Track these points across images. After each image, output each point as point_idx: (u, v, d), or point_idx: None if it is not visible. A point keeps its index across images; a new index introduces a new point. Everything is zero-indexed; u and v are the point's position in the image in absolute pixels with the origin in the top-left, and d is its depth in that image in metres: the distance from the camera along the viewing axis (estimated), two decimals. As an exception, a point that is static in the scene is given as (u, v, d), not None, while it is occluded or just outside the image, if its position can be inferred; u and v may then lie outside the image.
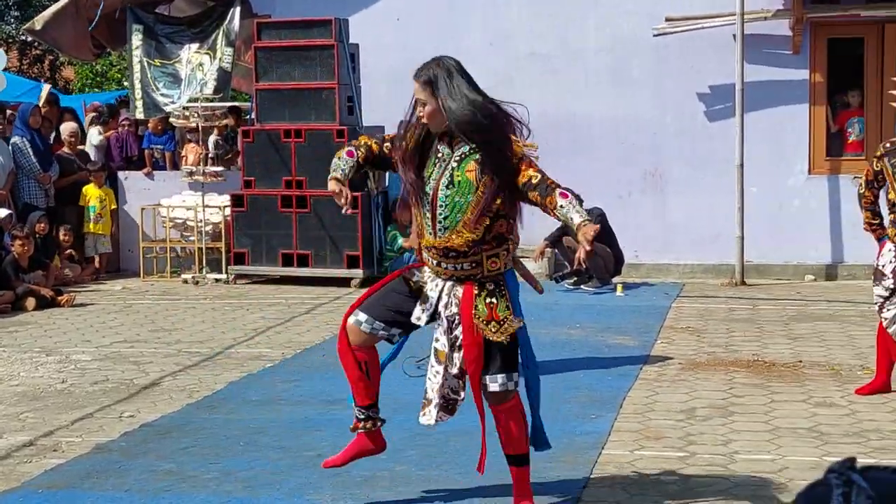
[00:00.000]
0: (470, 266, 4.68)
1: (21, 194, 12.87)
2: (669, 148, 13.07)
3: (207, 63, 13.78)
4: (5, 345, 9.05)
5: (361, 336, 4.81)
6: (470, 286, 4.67)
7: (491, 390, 4.68)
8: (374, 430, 4.95)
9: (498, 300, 4.68)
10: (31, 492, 5.16)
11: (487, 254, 4.68)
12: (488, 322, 4.63)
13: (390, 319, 4.80)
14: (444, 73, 4.67)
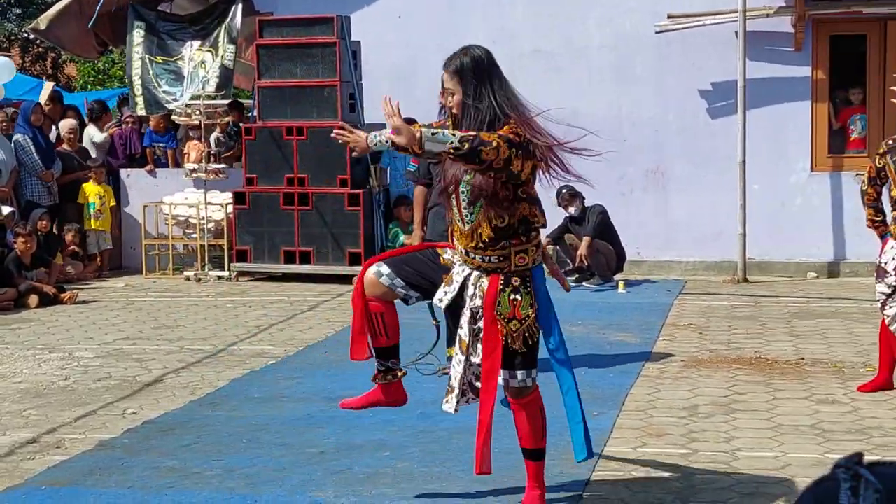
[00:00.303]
0: (497, 259, 4.67)
1: (24, 192, 12.88)
2: (671, 145, 13.07)
3: (210, 60, 13.78)
4: (8, 342, 9.06)
5: (380, 288, 4.83)
6: (496, 279, 4.67)
7: (511, 386, 4.71)
8: (394, 381, 4.98)
9: (522, 297, 4.67)
10: (35, 488, 5.16)
11: (516, 248, 4.68)
12: (510, 320, 4.63)
13: (413, 281, 4.83)
14: (470, 64, 4.69)
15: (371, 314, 4.87)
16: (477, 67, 4.68)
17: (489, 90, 4.67)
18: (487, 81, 4.68)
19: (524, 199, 4.68)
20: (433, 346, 7.57)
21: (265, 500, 4.94)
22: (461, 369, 4.78)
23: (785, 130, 12.74)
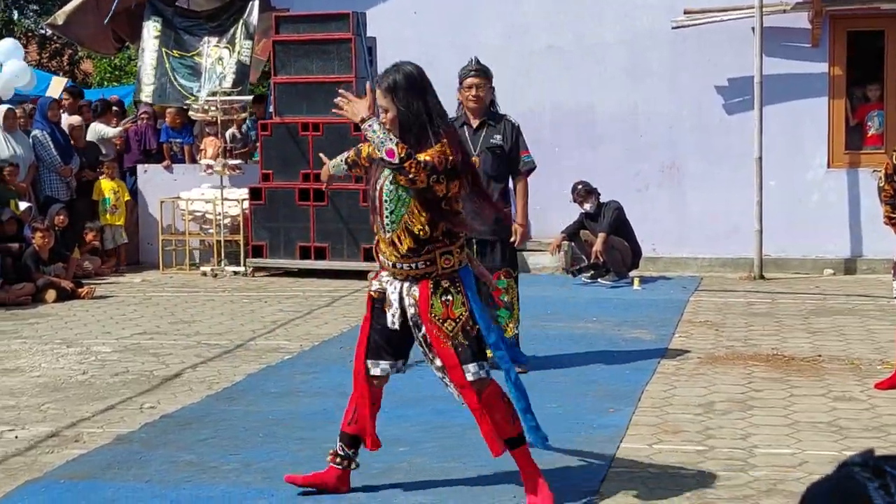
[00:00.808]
0: (424, 265, 4.79)
1: (42, 187, 12.94)
2: (687, 141, 13.06)
3: (227, 57, 13.82)
4: (26, 336, 9.11)
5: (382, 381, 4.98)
6: (426, 285, 4.78)
7: (467, 381, 4.76)
8: (348, 470, 5.05)
9: (454, 297, 4.78)
10: (53, 482, 5.20)
11: (441, 251, 4.79)
12: (444, 320, 4.74)
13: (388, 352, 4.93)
14: (405, 82, 4.78)
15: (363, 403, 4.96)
16: (409, 84, 4.77)
17: (422, 106, 4.75)
18: (420, 97, 4.77)
19: (448, 213, 4.79)
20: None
21: (282, 495, 4.96)
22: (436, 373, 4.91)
23: (802, 127, 12.71)
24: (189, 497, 4.94)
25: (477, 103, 7.51)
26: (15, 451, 5.74)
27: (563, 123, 13.34)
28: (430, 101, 4.79)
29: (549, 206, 12.55)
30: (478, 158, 7.47)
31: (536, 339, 8.43)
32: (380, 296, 4.91)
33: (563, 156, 13.14)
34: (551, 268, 12.75)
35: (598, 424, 6.07)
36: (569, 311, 9.97)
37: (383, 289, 4.90)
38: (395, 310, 4.84)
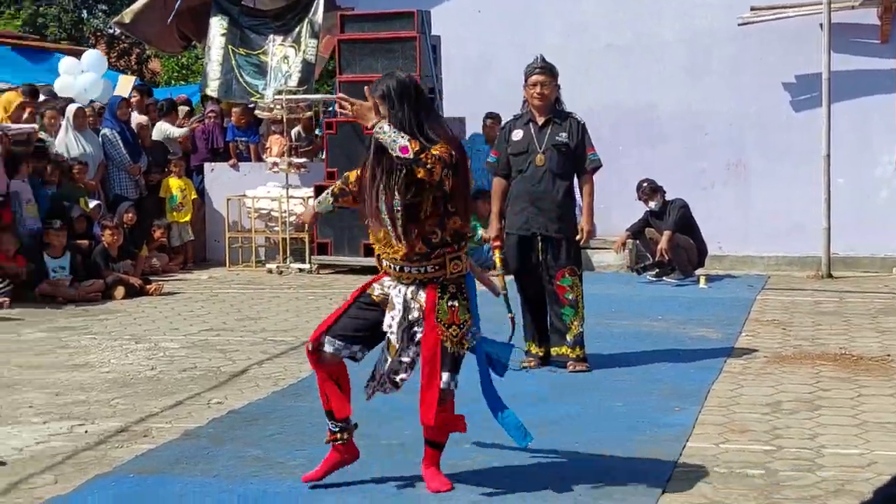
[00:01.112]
0: (433, 269, 4.86)
1: (112, 185, 13.11)
2: (752, 139, 12.95)
3: (292, 55, 13.92)
4: (96, 332, 9.25)
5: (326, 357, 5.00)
6: (433, 289, 4.86)
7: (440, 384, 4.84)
8: (348, 440, 5.13)
9: (459, 303, 4.88)
10: (123, 476, 5.26)
11: (450, 256, 4.87)
12: (449, 325, 4.83)
13: (350, 337, 4.96)
14: (398, 89, 4.83)
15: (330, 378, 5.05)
16: (403, 90, 4.84)
17: (412, 114, 4.81)
18: (412, 105, 4.83)
19: (454, 213, 4.87)
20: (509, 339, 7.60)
21: (347, 491, 4.99)
22: (386, 366, 4.98)
23: (870, 123, 12.55)
24: (256, 492, 4.98)
25: (542, 101, 7.50)
26: (85, 445, 5.83)
27: (623, 122, 13.28)
28: (422, 109, 4.86)
29: (612, 205, 12.50)
30: (543, 156, 7.47)
31: (601, 337, 8.41)
32: (381, 299, 4.97)
33: (624, 154, 13.08)
34: (616, 266, 12.70)
35: (664, 423, 6.04)
36: (633, 309, 9.92)
37: (386, 293, 4.95)
38: (397, 313, 4.91)
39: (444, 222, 4.84)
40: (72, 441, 5.90)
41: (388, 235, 4.88)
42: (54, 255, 11.14)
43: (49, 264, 11.09)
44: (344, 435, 5.10)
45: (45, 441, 5.90)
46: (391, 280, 4.96)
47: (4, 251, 11.02)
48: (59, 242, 11.17)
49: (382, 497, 4.92)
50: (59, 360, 8.12)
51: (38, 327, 9.53)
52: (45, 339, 8.95)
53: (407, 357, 4.95)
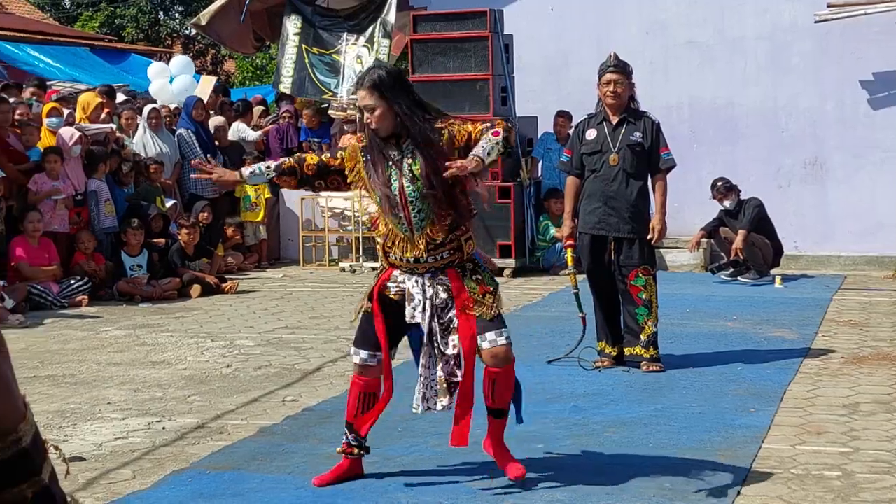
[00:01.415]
0: (450, 253, 4.91)
1: (187, 185, 13.28)
2: (830, 136, 12.78)
3: (365, 55, 13.98)
4: (172, 330, 9.37)
5: (373, 369, 5.06)
6: (453, 271, 4.90)
7: (500, 344, 4.86)
8: (360, 456, 5.19)
9: (482, 275, 4.95)
10: (200, 472, 5.33)
11: (464, 237, 4.94)
12: (484, 295, 4.88)
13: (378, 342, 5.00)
14: (388, 79, 4.85)
15: (365, 394, 5.11)
16: (395, 79, 4.88)
17: (410, 99, 4.86)
18: (406, 92, 4.88)
19: (462, 193, 4.93)
20: (581, 339, 7.59)
21: (420, 489, 5.02)
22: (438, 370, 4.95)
23: (951, 121, 12.34)
24: (331, 489, 5.02)
25: (615, 99, 7.47)
26: (162, 441, 5.91)
27: (701, 119, 13.18)
28: (414, 95, 4.90)
29: (687, 203, 12.40)
30: (616, 155, 7.44)
31: (675, 337, 8.36)
32: (399, 297, 4.97)
33: (701, 152, 12.98)
34: (689, 265, 12.61)
35: (739, 424, 5.99)
36: (708, 309, 9.84)
37: (402, 288, 4.96)
38: (418, 303, 4.92)
39: (455, 203, 4.87)
40: (149, 437, 5.99)
41: (395, 229, 4.90)
42: (132, 253, 11.32)
43: (126, 262, 11.27)
44: (357, 451, 5.16)
45: (123, 437, 6.00)
46: (402, 273, 4.97)
47: (83, 250, 11.22)
48: (136, 241, 11.34)
49: (461, 493, 4.93)
50: (137, 357, 8.24)
51: (116, 325, 9.68)
52: (122, 337, 9.09)
53: (450, 349, 4.92)
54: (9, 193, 10.86)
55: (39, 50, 20.06)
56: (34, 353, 8.42)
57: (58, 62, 19.47)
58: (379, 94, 4.82)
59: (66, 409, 6.63)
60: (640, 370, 7.39)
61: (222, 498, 4.93)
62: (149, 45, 28.97)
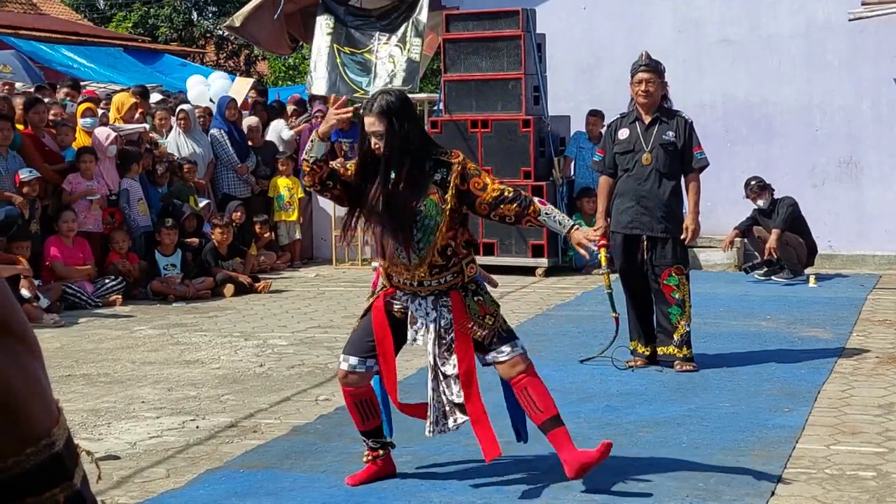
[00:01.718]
0: (452, 276, 4.92)
1: (220, 184, 13.35)
2: (866, 135, 12.68)
3: (398, 55, 14.00)
4: (206, 329, 9.42)
5: (358, 377, 5.04)
6: (455, 294, 4.91)
7: (518, 353, 4.88)
8: (386, 456, 5.19)
9: (483, 297, 4.97)
10: (234, 471, 5.35)
11: (465, 261, 4.96)
12: (483, 317, 4.89)
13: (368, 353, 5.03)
14: (396, 105, 4.85)
15: (359, 403, 5.09)
16: (403, 105, 4.88)
17: (416, 128, 4.90)
18: (413, 120, 4.91)
19: (462, 225, 4.99)
20: (614, 339, 7.57)
21: (452, 488, 5.02)
22: (439, 395, 4.98)
23: None
24: (364, 488, 5.04)
25: (647, 98, 7.44)
26: (196, 440, 5.94)
27: (735, 117, 13.12)
28: (420, 123, 4.99)
29: (720, 203, 12.35)
30: (649, 155, 7.41)
31: (708, 337, 8.32)
32: (401, 315, 4.99)
33: (735, 150, 12.92)
34: (723, 265, 12.55)
35: (774, 424, 5.96)
36: (741, 308, 9.79)
37: (405, 307, 4.98)
38: (420, 325, 4.95)
39: (456, 235, 4.93)
40: (183, 436, 6.02)
41: (394, 255, 4.87)
42: (165, 252, 11.38)
43: (160, 262, 11.33)
44: (382, 453, 5.17)
45: (157, 436, 6.04)
46: (405, 294, 4.98)
47: (117, 249, 11.29)
48: (170, 240, 11.40)
49: (493, 493, 4.93)
50: (171, 356, 8.29)
51: (150, 324, 9.74)
52: (156, 336, 9.15)
53: (450, 369, 4.93)
54: (44, 193, 10.95)
55: (74, 51, 20.22)
56: (69, 353, 8.48)
57: (92, 63, 19.62)
58: (388, 121, 4.82)
59: (100, 408, 6.67)
60: (673, 370, 7.37)
61: (255, 497, 4.95)
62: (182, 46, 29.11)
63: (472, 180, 4.90)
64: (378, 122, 4.83)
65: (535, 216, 4.96)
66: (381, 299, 5.04)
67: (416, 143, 4.86)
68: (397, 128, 4.81)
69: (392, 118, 4.81)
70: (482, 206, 4.93)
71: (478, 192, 4.90)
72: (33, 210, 10.62)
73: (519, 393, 4.92)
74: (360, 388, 5.09)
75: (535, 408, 4.90)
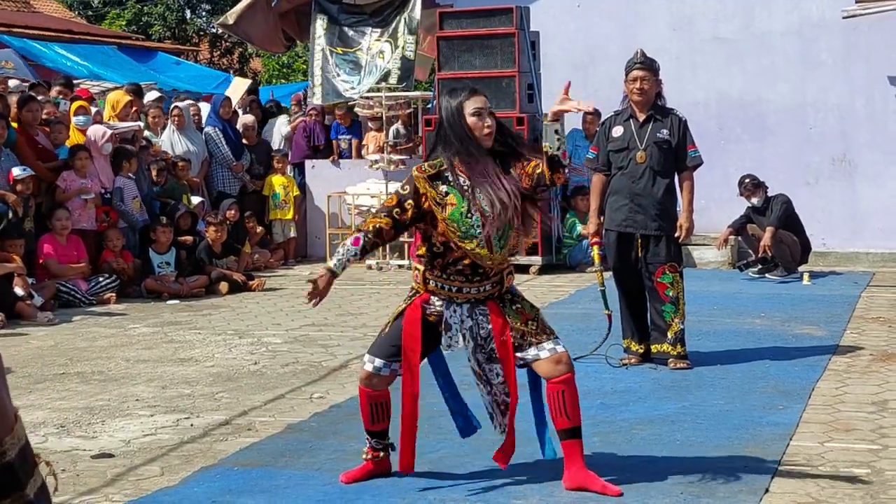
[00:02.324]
0: (492, 286, 4.88)
1: (214, 182, 13.34)
2: (859, 133, 12.71)
3: (388, 51, 14.01)
4: (200, 327, 9.41)
5: (381, 379, 5.02)
6: (493, 304, 4.87)
7: (560, 350, 4.83)
8: (384, 458, 5.18)
9: (521, 303, 4.93)
10: (228, 469, 5.35)
11: (506, 271, 4.94)
12: (525, 323, 4.85)
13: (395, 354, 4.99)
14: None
15: (375, 404, 5.07)
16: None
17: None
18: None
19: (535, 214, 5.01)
20: (606, 336, 7.59)
21: (448, 486, 5.02)
22: (489, 398, 4.96)
23: (981, 117, 12.24)
24: (358, 486, 5.03)
25: (642, 96, 7.44)
26: (190, 437, 5.94)
27: (729, 115, 13.13)
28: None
29: (714, 201, 12.37)
30: (644, 153, 7.42)
31: (702, 334, 8.33)
32: (435, 319, 4.95)
33: (728, 148, 12.93)
34: (717, 262, 12.56)
35: (767, 422, 5.97)
36: (735, 306, 9.81)
37: (439, 312, 4.93)
38: (455, 333, 4.90)
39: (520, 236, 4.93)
40: (177, 434, 6.01)
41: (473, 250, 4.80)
42: (160, 251, 11.37)
43: (154, 260, 11.32)
44: (382, 454, 5.16)
45: (151, 433, 6.03)
46: (440, 300, 4.93)
47: (111, 247, 11.28)
48: (164, 238, 11.40)
49: (488, 491, 4.93)
50: (165, 354, 8.28)
51: (144, 322, 9.73)
52: (150, 334, 9.14)
53: (497, 377, 4.90)
54: (37, 191, 10.93)
55: (67, 49, 20.18)
56: (63, 351, 8.47)
57: (86, 61, 19.58)
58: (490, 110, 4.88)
59: (94, 406, 6.67)
60: (667, 367, 7.38)
61: (250, 494, 4.95)
62: (176, 44, 29.07)
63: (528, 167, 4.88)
64: (488, 102, 4.88)
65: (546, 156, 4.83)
66: (418, 308, 4.97)
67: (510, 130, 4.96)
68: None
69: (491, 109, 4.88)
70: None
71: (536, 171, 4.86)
72: (27, 208, 10.60)
73: (554, 393, 4.84)
74: (378, 391, 5.05)
75: (564, 412, 4.84)
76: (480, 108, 4.82)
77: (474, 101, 4.84)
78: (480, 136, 4.81)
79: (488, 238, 4.79)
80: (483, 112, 4.82)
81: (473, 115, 4.82)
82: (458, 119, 4.84)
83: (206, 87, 18.64)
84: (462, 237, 4.82)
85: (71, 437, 5.97)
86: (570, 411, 4.84)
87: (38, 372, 7.70)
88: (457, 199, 4.82)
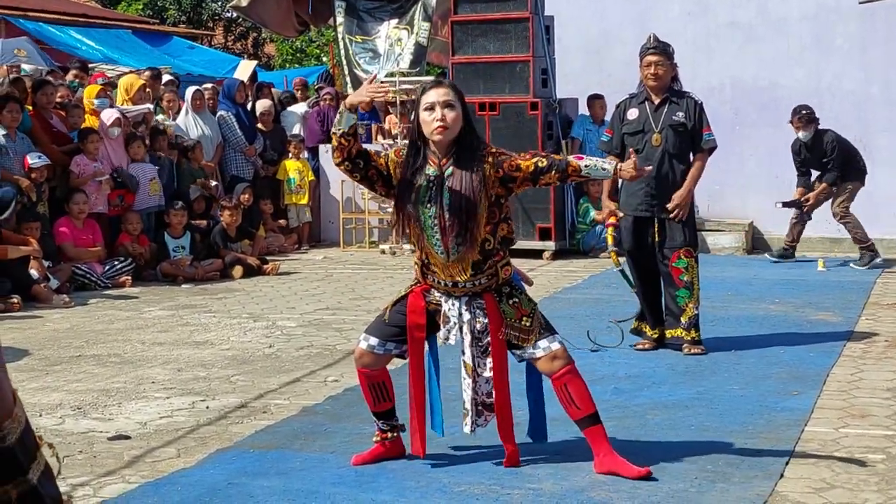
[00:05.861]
0: (487, 279, 4.85)
1: (228, 166, 13.36)
2: (875, 118, 12.66)
3: (405, 38, 14.01)
4: (215, 311, 9.44)
5: (374, 358, 5.04)
6: (490, 297, 4.85)
7: (556, 347, 4.82)
8: (396, 438, 5.19)
9: (519, 297, 4.89)
10: (243, 451, 5.37)
11: (500, 263, 4.88)
12: (520, 319, 4.83)
13: (402, 337, 4.99)
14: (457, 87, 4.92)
15: (373, 385, 5.08)
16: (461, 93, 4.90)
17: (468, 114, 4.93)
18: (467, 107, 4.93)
19: (504, 219, 4.88)
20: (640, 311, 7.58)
21: (461, 469, 5.03)
22: (471, 393, 4.96)
23: None
24: (374, 468, 5.05)
25: (656, 81, 7.42)
26: (206, 420, 5.96)
27: (744, 101, 13.09)
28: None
29: (728, 186, 12.34)
30: (659, 135, 7.40)
31: (717, 320, 8.32)
32: (434, 309, 4.95)
33: (743, 134, 12.89)
34: (731, 248, 12.54)
35: (782, 407, 5.96)
36: (750, 292, 9.79)
37: (438, 304, 4.94)
38: (453, 326, 4.89)
39: (495, 230, 4.84)
40: (193, 416, 6.04)
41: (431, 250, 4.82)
42: (175, 234, 11.40)
43: (169, 244, 11.35)
44: (391, 435, 5.18)
45: (167, 416, 6.06)
46: (439, 293, 4.94)
47: (130, 231, 11.31)
48: (179, 222, 11.42)
49: (502, 474, 4.94)
50: (181, 337, 8.31)
51: (160, 305, 9.77)
52: (166, 317, 9.17)
53: (487, 371, 4.92)
54: (52, 174, 10.96)
55: (82, 33, 20.18)
56: (79, 333, 8.51)
57: (101, 45, 19.58)
58: (458, 97, 4.81)
59: (111, 388, 6.70)
60: (681, 352, 7.37)
61: (266, 476, 4.97)
62: (191, 28, 29.07)
63: (504, 164, 4.79)
64: (451, 93, 4.78)
65: (577, 174, 4.82)
66: (420, 297, 4.97)
67: (473, 129, 4.87)
68: (464, 108, 4.82)
69: (461, 96, 4.83)
70: (523, 184, 4.84)
71: (514, 173, 4.78)
72: (40, 192, 10.63)
73: (559, 389, 4.86)
74: (374, 371, 5.08)
75: (573, 404, 4.85)
76: (433, 103, 4.75)
77: (429, 95, 4.78)
78: (428, 131, 4.77)
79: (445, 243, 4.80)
80: (436, 106, 4.74)
81: (426, 109, 4.78)
82: (416, 113, 4.85)
83: (220, 72, 18.63)
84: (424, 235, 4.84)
85: (88, 419, 6.00)
86: (578, 401, 4.85)
87: (55, 354, 7.74)
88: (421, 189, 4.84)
